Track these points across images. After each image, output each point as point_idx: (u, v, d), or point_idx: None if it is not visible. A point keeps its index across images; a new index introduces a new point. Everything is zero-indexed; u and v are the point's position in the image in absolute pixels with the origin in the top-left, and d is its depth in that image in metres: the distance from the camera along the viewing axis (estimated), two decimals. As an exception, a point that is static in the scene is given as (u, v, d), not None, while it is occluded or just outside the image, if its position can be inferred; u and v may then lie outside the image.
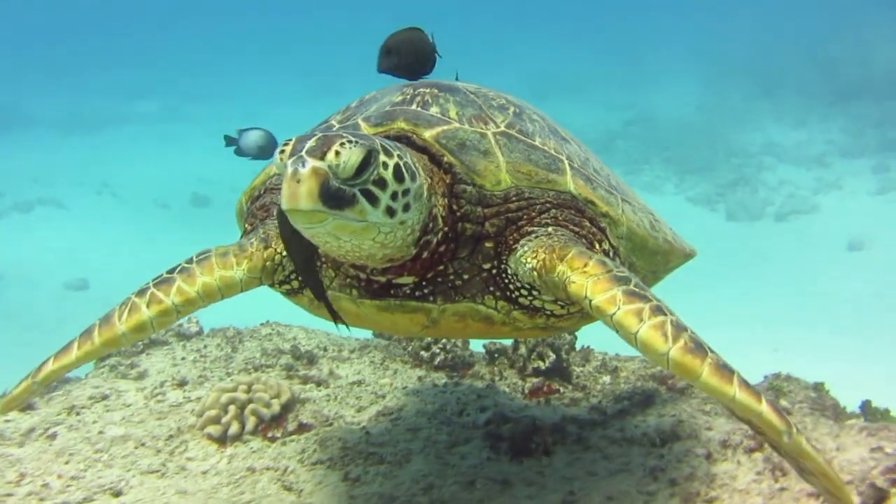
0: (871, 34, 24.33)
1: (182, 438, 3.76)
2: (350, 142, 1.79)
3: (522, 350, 5.00)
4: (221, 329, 6.16)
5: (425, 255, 2.13)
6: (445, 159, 2.17)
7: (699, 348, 1.88)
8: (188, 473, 3.42)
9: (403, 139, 2.17)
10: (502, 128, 2.33)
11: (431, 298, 2.21)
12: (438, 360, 5.16)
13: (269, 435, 3.78)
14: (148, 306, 2.09)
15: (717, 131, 21.11)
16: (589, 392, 4.77)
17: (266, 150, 6.09)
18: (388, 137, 2.09)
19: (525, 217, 2.22)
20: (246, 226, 2.53)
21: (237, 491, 3.22)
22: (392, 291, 2.20)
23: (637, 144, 21.17)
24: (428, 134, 2.19)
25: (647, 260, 2.65)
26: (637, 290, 1.97)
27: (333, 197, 1.77)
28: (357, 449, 3.60)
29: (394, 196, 1.89)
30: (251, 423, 3.79)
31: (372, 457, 3.52)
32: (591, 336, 4.19)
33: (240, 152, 5.03)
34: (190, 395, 4.37)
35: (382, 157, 1.87)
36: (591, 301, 1.98)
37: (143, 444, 3.66)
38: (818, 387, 5.21)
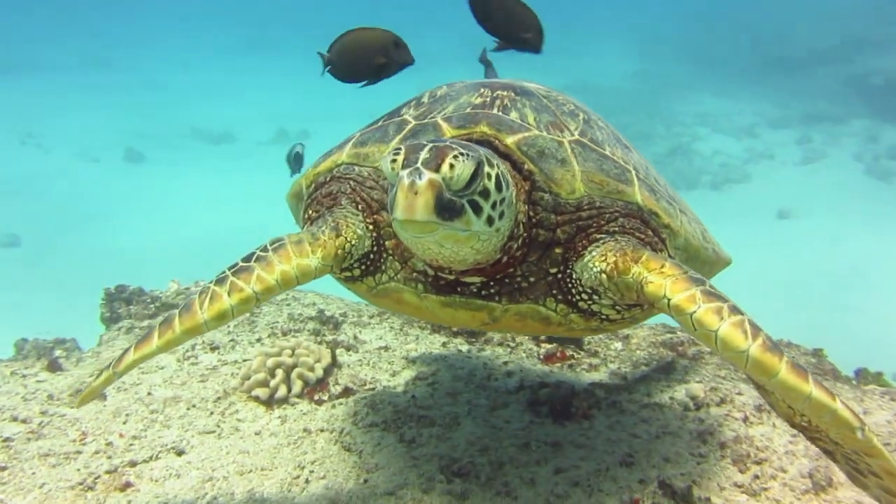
0: (796, 9, 25.02)
1: (230, 400, 3.81)
2: (462, 154, 1.83)
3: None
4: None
5: (505, 259, 2.19)
6: (526, 167, 2.22)
7: (776, 347, 1.93)
8: (243, 434, 3.48)
9: (485, 143, 2.20)
10: (576, 136, 2.37)
11: (497, 298, 2.27)
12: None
13: (316, 398, 3.86)
14: (229, 294, 2.11)
15: (653, 101, 21.64)
16: (605, 358, 4.95)
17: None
18: (470, 140, 2.15)
19: (594, 225, 2.27)
20: (310, 212, 2.53)
21: (299, 451, 3.30)
22: (459, 289, 2.27)
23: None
24: (510, 140, 2.23)
25: (698, 269, 2.64)
26: (713, 290, 2.03)
27: (446, 208, 1.82)
28: (408, 412, 3.71)
29: (493, 205, 1.95)
30: (298, 386, 3.86)
31: (423, 420, 3.63)
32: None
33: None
34: (225, 359, 4.41)
35: (486, 168, 1.92)
36: (669, 300, 2.03)
37: (193, 406, 3.71)
38: (817, 352, 5.51)
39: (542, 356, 4.98)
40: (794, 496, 2.95)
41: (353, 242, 2.31)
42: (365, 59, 3.30)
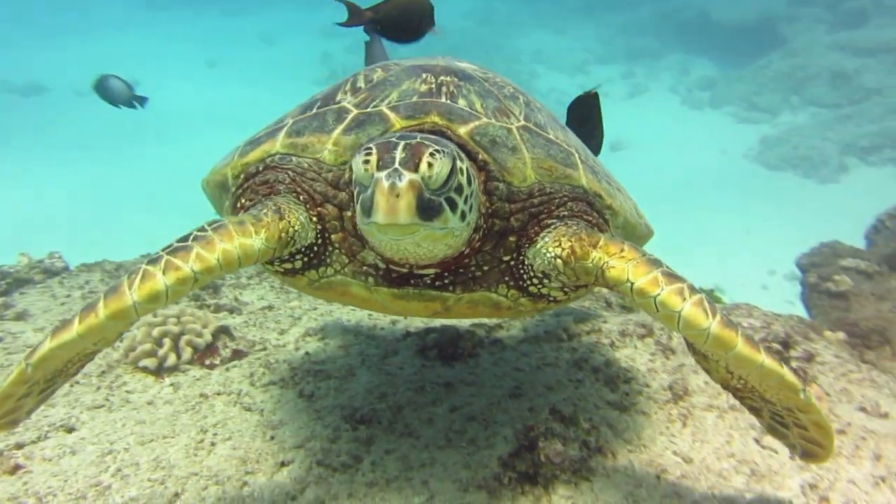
0: None
1: (115, 373, 3.71)
2: (438, 152, 1.81)
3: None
4: (96, 263, 5.89)
5: (466, 251, 2.17)
6: (481, 157, 2.18)
7: (732, 323, 2.02)
8: (135, 405, 3.43)
9: (437, 133, 2.14)
10: (522, 121, 2.36)
11: (451, 288, 2.25)
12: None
13: (207, 363, 3.84)
14: (164, 273, 1.91)
15: (491, 39, 22.30)
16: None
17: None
18: (421, 131, 2.09)
19: (545, 211, 2.27)
20: (243, 201, 2.39)
21: (198, 416, 3.31)
22: (412, 281, 2.23)
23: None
24: (463, 130, 2.19)
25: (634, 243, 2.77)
26: (671, 271, 2.07)
27: (426, 208, 1.80)
28: (303, 368, 3.80)
29: (465, 200, 1.95)
30: (187, 353, 3.82)
31: (319, 374, 3.74)
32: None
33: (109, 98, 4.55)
34: (102, 332, 4.25)
35: (459, 164, 1.91)
36: (633, 284, 2.05)
37: (77, 382, 3.58)
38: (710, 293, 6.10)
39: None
40: (658, 406, 3.37)
41: (297, 228, 2.21)
42: (410, 21, 3.28)
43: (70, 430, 3.18)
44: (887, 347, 4.28)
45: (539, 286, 2.30)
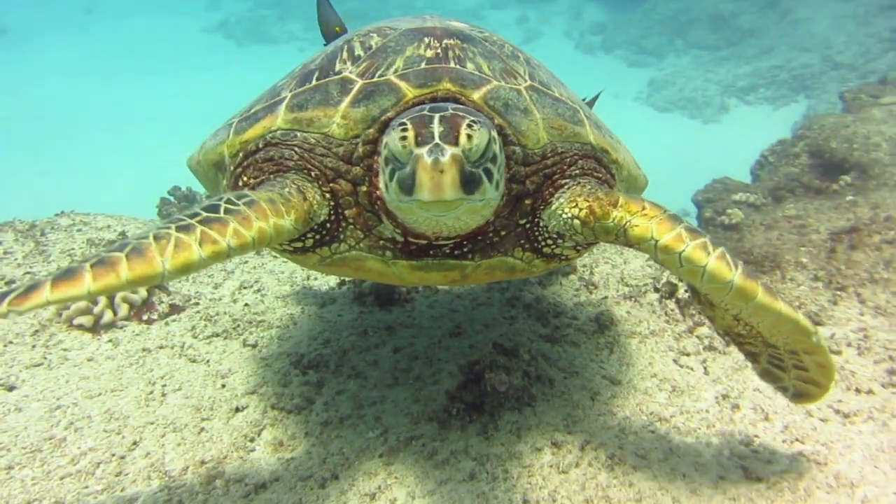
0: None
1: (49, 332, 3.65)
2: (475, 122, 1.77)
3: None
4: (6, 223, 5.65)
5: (492, 218, 2.14)
6: (497, 121, 2.11)
7: (752, 274, 2.07)
8: (75, 362, 3.40)
9: (450, 100, 2.08)
10: (528, 81, 2.31)
11: (470, 256, 2.21)
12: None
13: (145, 318, 3.83)
14: (200, 245, 1.79)
15: None
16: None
17: None
18: (434, 99, 2.07)
19: (558, 171, 2.24)
20: (245, 179, 2.28)
21: (144, 369, 3.33)
22: (431, 252, 2.18)
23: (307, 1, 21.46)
24: (476, 96, 2.12)
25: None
26: (692, 226, 2.09)
27: (468, 182, 1.75)
28: (245, 319, 3.85)
29: (499, 169, 1.91)
30: (124, 309, 3.79)
31: (262, 324, 3.80)
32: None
33: None
34: (27, 292, 4.14)
35: (493, 132, 1.87)
36: (657, 241, 2.07)
37: (10, 342, 3.51)
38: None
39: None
40: (587, 336, 3.64)
41: (315, 209, 2.13)
42: None
43: (11, 388, 3.14)
44: (777, 272, 4.71)
45: (553, 247, 2.30)
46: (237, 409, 2.99)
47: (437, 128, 1.72)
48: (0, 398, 3.05)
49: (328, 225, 2.20)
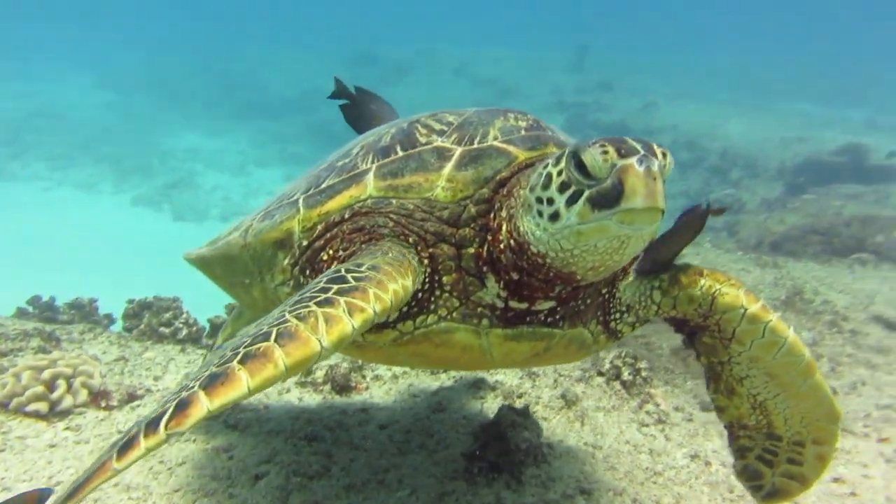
0: (267, 59, 29.51)
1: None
2: (660, 145, 1.78)
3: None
4: None
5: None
6: None
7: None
8: (37, 448, 3.10)
9: None
10: None
11: (560, 324, 2.14)
12: (183, 333, 5.25)
13: (104, 405, 3.57)
14: (350, 315, 1.70)
15: (142, 135, 22.72)
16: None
17: None
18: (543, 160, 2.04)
19: None
20: (330, 252, 2.17)
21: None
22: (528, 318, 2.10)
23: (52, 140, 21.30)
24: None
25: None
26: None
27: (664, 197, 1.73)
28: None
29: None
30: (83, 394, 3.52)
31: (233, 408, 3.69)
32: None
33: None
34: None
35: None
36: (746, 309, 2.15)
37: (-40, 430, 3.12)
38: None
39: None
40: (554, 411, 3.92)
41: (419, 275, 2.04)
42: None
43: (-21, 473, 2.80)
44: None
45: (619, 321, 2.27)
46: (257, 477, 2.89)
47: (637, 144, 1.71)
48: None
49: (419, 294, 2.08)
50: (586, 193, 1.74)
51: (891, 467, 3.47)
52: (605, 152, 1.71)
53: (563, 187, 1.80)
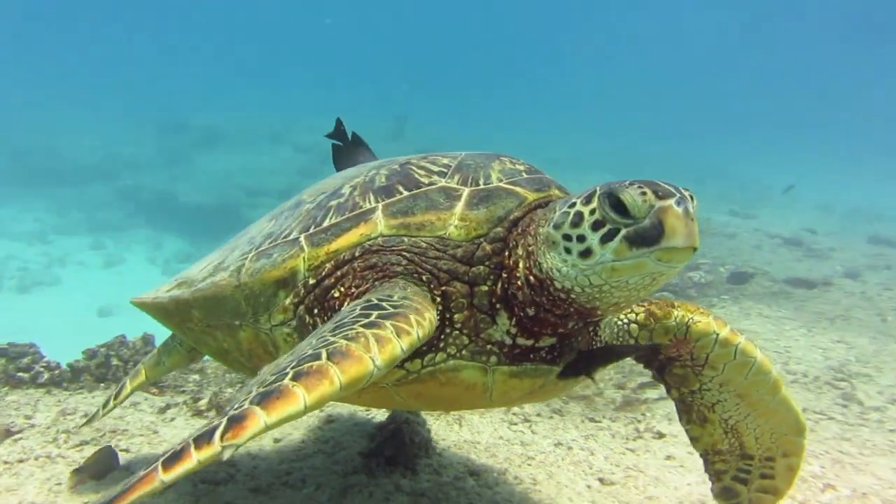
0: (58, 127, 28.37)
1: None
2: (686, 188, 1.87)
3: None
4: None
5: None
6: None
7: None
8: None
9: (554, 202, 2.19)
10: None
11: (557, 361, 2.17)
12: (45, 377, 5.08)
13: None
14: (399, 337, 1.74)
15: None
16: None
17: None
18: (547, 202, 2.17)
19: None
20: (342, 289, 2.15)
21: (17, 478, 3.07)
22: (531, 355, 2.14)
23: None
24: None
25: None
26: None
27: None
28: (107, 429, 3.70)
29: None
30: None
31: (124, 432, 3.70)
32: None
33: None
34: None
35: None
36: (718, 334, 2.31)
37: None
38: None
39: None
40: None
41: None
42: None
43: None
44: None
45: None
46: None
47: (668, 188, 1.81)
48: None
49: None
50: (623, 232, 1.81)
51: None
52: (644, 193, 1.79)
53: (596, 225, 1.86)
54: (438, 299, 2.07)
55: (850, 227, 15.64)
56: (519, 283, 2.02)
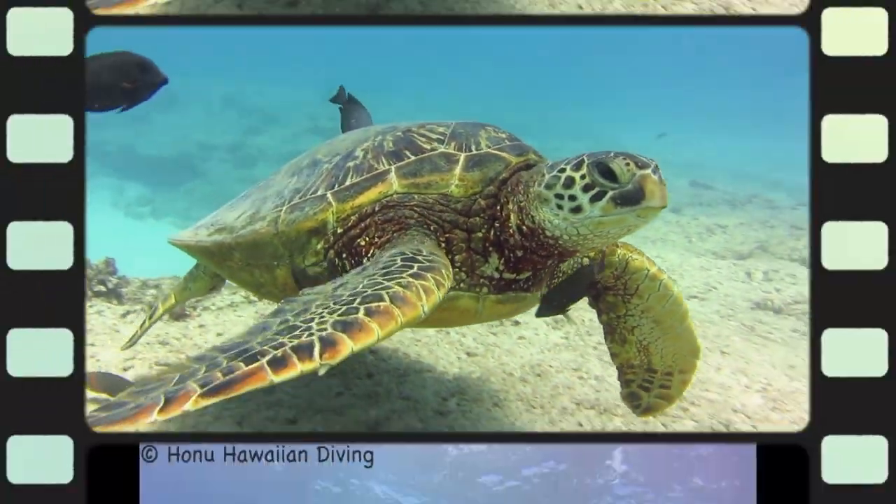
0: None
1: None
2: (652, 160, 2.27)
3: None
4: None
5: None
6: None
7: None
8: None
9: (533, 165, 2.57)
10: None
11: (532, 289, 2.61)
12: None
13: None
14: (438, 288, 2.10)
15: None
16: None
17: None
18: (528, 165, 2.57)
19: None
20: (367, 238, 2.57)
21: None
22: (513, 286, 2.57)
23: None
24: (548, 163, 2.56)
25: None
26: None
27: None
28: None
29: None
30: None
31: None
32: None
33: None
34: None
35: None
36: (649, 271, 2.79)
37: None
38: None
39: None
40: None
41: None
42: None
43: None
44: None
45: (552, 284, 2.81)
46: (125, 370, 3.93)
47: (643, 159, 2.22)
48: None
49: None
50: (610, 193, 2.22)
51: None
52: (628, 164, 2.20)
53: (586, 188, 2.27)
54: (443, 244, 2.52)
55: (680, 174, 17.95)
56: (511, 230, 2.47)
